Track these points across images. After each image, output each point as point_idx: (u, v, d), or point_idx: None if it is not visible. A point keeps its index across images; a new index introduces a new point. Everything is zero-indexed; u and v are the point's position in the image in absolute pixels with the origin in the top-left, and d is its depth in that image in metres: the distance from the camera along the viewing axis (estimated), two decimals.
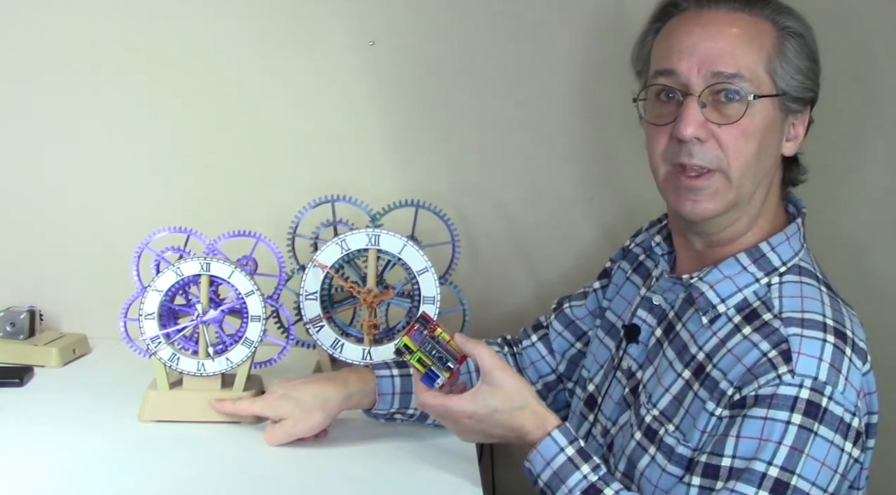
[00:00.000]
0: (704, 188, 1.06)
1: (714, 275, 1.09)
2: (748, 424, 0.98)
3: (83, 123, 1.58)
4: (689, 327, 1.11)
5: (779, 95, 1.06)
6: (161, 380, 1.31)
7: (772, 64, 1.05)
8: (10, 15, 1.55)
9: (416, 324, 1.12)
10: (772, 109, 1.06)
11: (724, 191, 1.06)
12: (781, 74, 1.06)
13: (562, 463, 1.06)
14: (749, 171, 1.06)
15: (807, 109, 1.10)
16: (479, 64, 1.57)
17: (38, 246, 1.62)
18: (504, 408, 1.08)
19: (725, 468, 0.98)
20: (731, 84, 1.04)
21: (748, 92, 1.04)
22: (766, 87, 1.05)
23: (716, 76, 1.04)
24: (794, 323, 1.02)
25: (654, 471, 1.06)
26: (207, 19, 1.56)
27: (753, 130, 1.05)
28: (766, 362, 1.00)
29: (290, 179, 1.60)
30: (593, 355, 1.28)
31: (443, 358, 1.11)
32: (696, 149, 1.05)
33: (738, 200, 1.07)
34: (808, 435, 0.97)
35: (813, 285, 1.07)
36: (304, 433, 1.23)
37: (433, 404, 1.10)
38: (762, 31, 1.06)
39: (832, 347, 1.00)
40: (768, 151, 1.07)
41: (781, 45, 1.06)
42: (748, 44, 1.05)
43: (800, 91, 1.07)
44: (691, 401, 1.05)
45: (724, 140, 1.05)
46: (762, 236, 1.10)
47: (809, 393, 0.97)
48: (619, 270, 1.31)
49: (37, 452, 1.21)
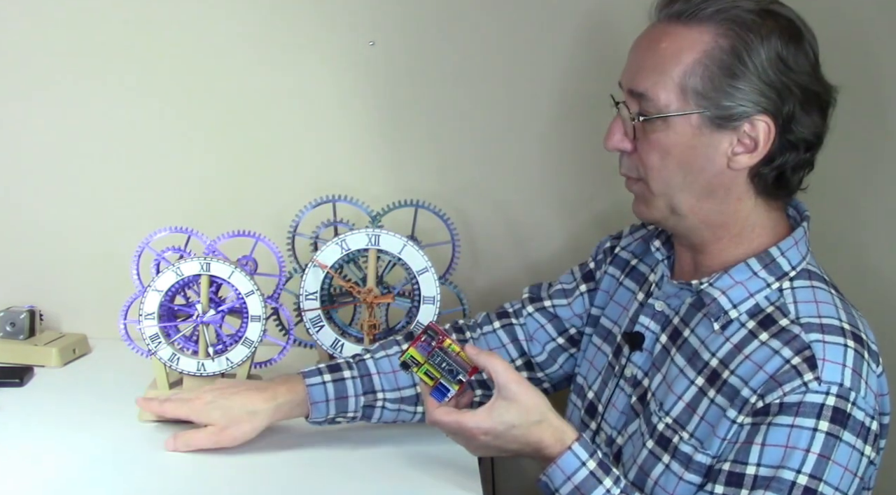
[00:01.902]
0: (635, 192, 1.13)
1: (725, 281, 1.08)
2: (774, 432, 0.98)
3: (83, 124, 1.58)
4: (699, 333, 1.09)
5: (695, 113, 1.03)
6: (161, 380, 1.31)
7: (688, 80, 1.02)
8: (11, 16, 1.55)
9: (423, 335, 1.08)
10: (690, 126, 1.04)
11: (650, 199, 1.10)
12: (701, 90, 1.02)
13: (584, 477, 1.04)
14: (673, 184, 1.07)
15: (762, 120, 1.02)
16: (478, 64, 1.57)
17: (39, 246, 1.62)
18: (521, 423, 1.05)
19: (750, 476, 0.98)
20: (642, 102, 1.06)
21: (654, 111, 1.05)
22: (677, 105, 1.03)
23: (630, 93, 1.08)
24: (815, 328, 1.01)
25: (671, 480, 1.05)
26: (207, 20, 1.56)
27: (670, 146, 1.05)
28: (790, 369, 0.99)
29: (290, 179, 1.59)
30: (590, 362, 1.26)
31: (453, 370, 1.07)
32: (624, 159, 1.12)
33: (674, 209, 1.08)
34: (834, 442, 0.96)
35: (824, 289, 1.07)
36: (227, 443, 1.20)
37: (447, 421, 1.06)
38: (691, 43, 1.02)
39: (853, 352, 1.00)
40: (696, 165, 1.05)
41: (712, 59, 1.02)
42: (664, 60, 1.04)
43: (733, 107, 1.02)
44: (707, 408, 1.05)
45: (640, 153, 1.08)
46: (762, 245, 1.09)
47: (836, 399, 0.97)
48: (607, 275, 1.29)
49: (37, 452, 1.21)
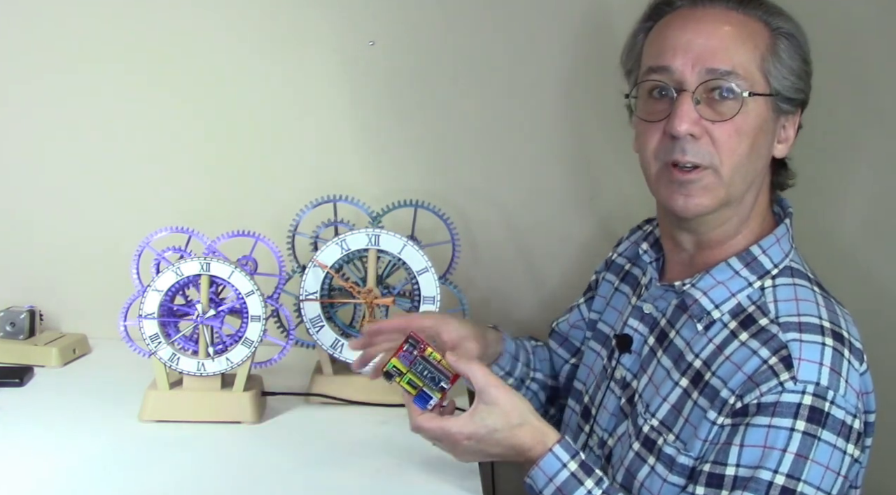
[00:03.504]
0: (696, 182, 1.05)
1: (707, 281, 1.08)
2: (751, 433, 0.98)
3: (84, 124, 1.58)
4: (684, 334, 1.10)
5: (772, 95, 1.06)
6: (161, 380, 1.31)
7: (766, 63, 1.05)
8: (11, 15, 1.55)
9: (405, 344, 1.11)
10: (765, 109, 1.06)
11: (714, 188, 1.05)
12: (775, 74, 1.05)
13: (565, 478, 1.05)
14: (740, 170, 1.05)
15: (797, 111, 1.10)
16: (479, 63, 1.57)
17: (39, 246, 1.62)
18: (503, 427, 1.06)
19: (730, 477, 0.98)
20: (726, 81, 1.03)
21: (743, 89, 1.03)
22: (761, 85, 1.05)
23: (710, 73, 1.03)
24: (792, 327, 1.01)
25: (655, 482, 1.06)
26: (208, 20, 1.56)
27: (747, 129, 1.04)
28: (766, 369, 0.99)
29: (290, 179, 1.60)
30: (588, 367, 1.28)
31: (435, 378, 1.10)
32: (690, 146, 1.04)
33: (729, 199, 1.07)
34: (812, 441, 0.96)
35: (806, 286, 1.07)
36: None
37: (430, 427, 1.08)
38: (755, 30, 1.06)
39: (831, 350, 0.99)
40: (760, 151, 1.07)
41: (774, 45, 1.06)
42: (742, 42, 1.05)
43: (792, 92, 1.07)
44: (691, 410, 1.05)
45: (717, 137, 1.04)
46: (752, 239, 1.10)
47: (812, 399, 0.97)
48: (604, 281, 1.31)
49: (37, 452, 1.21)
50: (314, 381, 1.41)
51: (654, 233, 1.22)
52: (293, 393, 1.39)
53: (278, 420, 1.33)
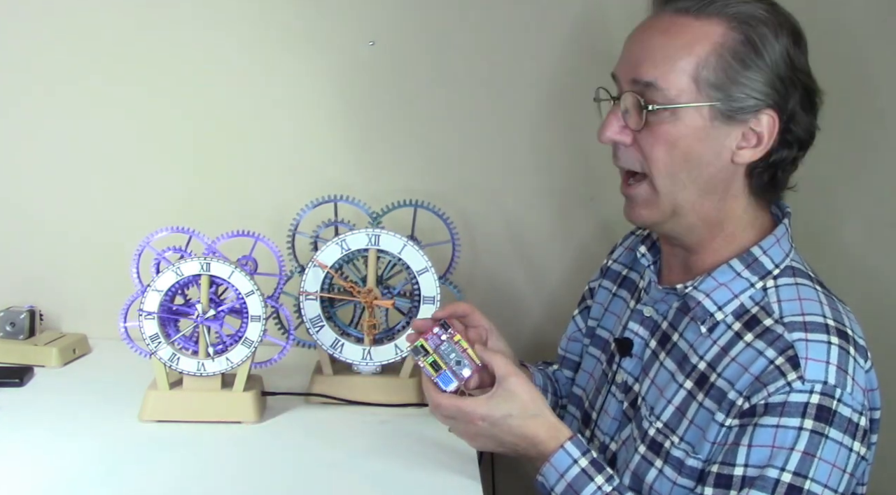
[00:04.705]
0: (636, 196, 1.09)
1: (709, 284, 1.08)
2: (760, 433, 0.98)
3: (83, 124, 1.58)
4: (687, 337, 1.10)
5: (708, 104, 1.02)
6: (161, 380, 1.31)
7: (701, 71, 1.01)
8: (10, 16, 1.55)
9: (437, 326, 1.15)
10: (699, 117, 1.03)
11: (653, 199, 1.08)
12: (715, 81, 1.01)
13: (576, 474, 1.06)
14: (677, 179, 1.05)
15: (769, 114, 1.03)
16: (479, 63, 1.57)
17: (39, 246, 1.62)
18: (518, 414, 1.08)
19: (738, 477, 0.98)
20: (646, 92, 1.03)
21: (664, 101, 1.02)
22: (689, 96, 1.02)
23: (634, 83, 1.05)
24: (797, 327, 1.01)
25: (665, 485, 1.06)
26: (207, 20, 1.56)
27: (676, 138, 1.03)
28: (774, 370, 0.99)
29: (290, 179, 1.60)
30: (588, 373, 1.28)
31: (460, 362, 1.13)
32: (621, 152, 1.09)
33: (676, 208, 1.07)
34: (820, 439, 0.97)
35: (808, 285, 1.07)
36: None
37: (446, 404, 1.10)
38: (703, 35, 1.02)
39: (837, 349, 1.00)
40: (702, 159, 1.04)
41: (727, 49, 1.01)
42: (675, 50, 1.02)
43: (745, 99, 1.02)
44: (696, 412, 1.05)
45: (642, 146, 1.06)
46: (748, 243, 1.09)
47: (820, 397, 0.97)
48: (601, 289, 1.32)
49: (37, 452, 1.21)
50: (314, 381, 1.40)
51: (652, 236, 1.22)
52: (293, 393, 1.39)
53: (278, 420, 1.33)
